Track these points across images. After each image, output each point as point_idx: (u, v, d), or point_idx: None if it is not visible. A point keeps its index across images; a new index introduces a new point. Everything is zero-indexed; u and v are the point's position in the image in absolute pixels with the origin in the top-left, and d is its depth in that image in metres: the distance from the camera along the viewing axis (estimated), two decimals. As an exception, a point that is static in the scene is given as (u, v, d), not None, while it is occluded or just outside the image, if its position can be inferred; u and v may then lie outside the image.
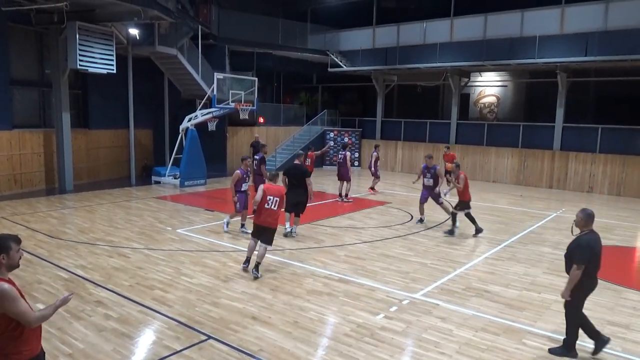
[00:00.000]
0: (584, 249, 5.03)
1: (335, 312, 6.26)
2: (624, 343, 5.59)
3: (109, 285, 6.98)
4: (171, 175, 16.75)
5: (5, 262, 3.17)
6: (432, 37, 20.67)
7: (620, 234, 11.21)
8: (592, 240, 5.09)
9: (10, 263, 3.20)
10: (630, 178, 17.00)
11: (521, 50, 18.16)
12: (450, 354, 5.22)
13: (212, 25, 19.86)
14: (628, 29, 16.00)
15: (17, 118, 14.66)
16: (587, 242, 5.07)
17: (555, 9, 17.77)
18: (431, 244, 9.74)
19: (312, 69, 25.50)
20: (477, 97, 24.12)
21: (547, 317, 6.28)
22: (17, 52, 14.74)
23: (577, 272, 4.99)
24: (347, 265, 8.22)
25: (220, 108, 16.44)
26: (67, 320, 5.77)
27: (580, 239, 5.15)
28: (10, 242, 3.22)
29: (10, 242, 3.22)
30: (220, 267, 7.93)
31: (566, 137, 18.59)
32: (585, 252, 5.01)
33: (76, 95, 16.67)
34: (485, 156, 20.23)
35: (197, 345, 5.25)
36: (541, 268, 8.31)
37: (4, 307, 3.02)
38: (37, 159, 14.97)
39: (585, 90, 20.66)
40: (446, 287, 7.30)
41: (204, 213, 12.21)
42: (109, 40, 14.42)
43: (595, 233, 5.19)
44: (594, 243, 5.08)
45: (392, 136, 23.52)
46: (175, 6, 15.39)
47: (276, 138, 23.19)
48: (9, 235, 3.30)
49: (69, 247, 8.90)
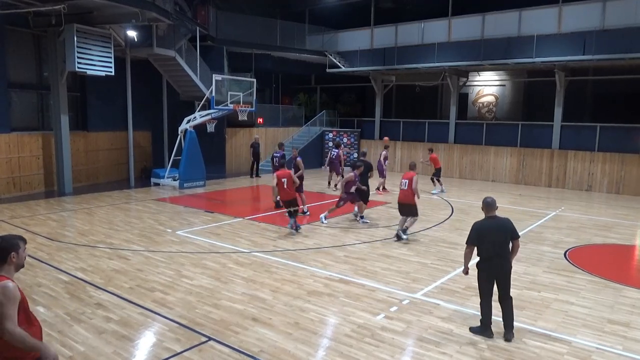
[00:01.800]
0: (471, 231, 5.62)
1: (336, 312, 6.26)
2: (624, 341, 5.59)
3: (109, 288, 6.97)
4: (170, 177, 16.74)
5: (15, 261, 3.21)
6: (430, 37, 20.69)
7: (620, 232, 11.22)
8: (482, 225, 5.58)
9: (18, 262, 3.24)
10: (629, 176, 17.03)
11: (519, 50, 18.19)
12: (451, 353, 5.22)
13: (210, 27, 19.86)
14: (625, 27, 16.04)
15: (15, 121, 14.65)
16: (476, 225, 5.62)
17: (552, 8, 17.80)
18: (431, 244, 9.75)
19: (310, 69, 25.50)
20: (476, 96, 24.16)
21: (547, 315, 6.28)
22: (15, 55, 14.73)
23: (465, 251, 5.66)
24: (348, 265, 8.22)
25: (219, 109, 16.44)
26: (68, 323, 5.77)
27: (475, 222, 5.72)
28: (19, 240, 3.28)
29: (19, 241, 3.27)
30: (220, 269, 7.93)
31: (565, 136, 18.62)
32: (472, 234, 5.59)
33: (74, 98, 16.66)
34: (484, 155, 20.24)
35: (197, 347, 5.25)
36: (541, 267, 8.31)
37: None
38: (36, 161, 14.95)
39: (583, 89, 20.70)
40: (446, 286, 7.31)
41: (204, 215, 12.21)
42: (107, 43, 14.41)
43: (494, 219, 5.62)
44: (482, 227, 5.56)
45: (391, 136, 23.42)
46: (173, 8, 15.39)
47: (275, 139, 23.15)
48: (16, 235, 3.36)
49: (69, 249, 8.89)
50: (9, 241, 3.24)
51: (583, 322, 6.11)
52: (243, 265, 8.12)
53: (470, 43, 19.49)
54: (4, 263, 3.17)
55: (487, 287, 5.59)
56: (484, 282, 5.60)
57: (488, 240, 5.49)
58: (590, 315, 6.32)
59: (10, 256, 3.18)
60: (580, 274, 8.03)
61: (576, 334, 5.74)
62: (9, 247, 3.20)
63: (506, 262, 5.53)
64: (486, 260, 5.54)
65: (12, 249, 3.19)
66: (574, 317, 6.26)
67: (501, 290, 5.56)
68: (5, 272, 3.17)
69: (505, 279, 5.55)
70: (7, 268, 3.18)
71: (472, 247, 5.60)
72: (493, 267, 5.51)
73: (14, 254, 3.20)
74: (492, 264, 5.50)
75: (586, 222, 12.25)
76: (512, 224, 5.60)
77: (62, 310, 6.16)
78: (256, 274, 7.68)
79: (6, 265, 3.17)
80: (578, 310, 6.49)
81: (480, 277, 5.62)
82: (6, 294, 3.03)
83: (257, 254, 8.79)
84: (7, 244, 3.21)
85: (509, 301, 5.56)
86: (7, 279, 3.12)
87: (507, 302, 5.55)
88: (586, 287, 7.41)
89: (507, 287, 5.58)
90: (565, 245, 9.82)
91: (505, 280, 5.55)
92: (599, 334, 5.75)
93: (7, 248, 3.19)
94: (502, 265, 5.52)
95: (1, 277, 3.12)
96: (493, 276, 5.54)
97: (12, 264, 3.19)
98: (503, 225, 5.58)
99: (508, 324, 5.58)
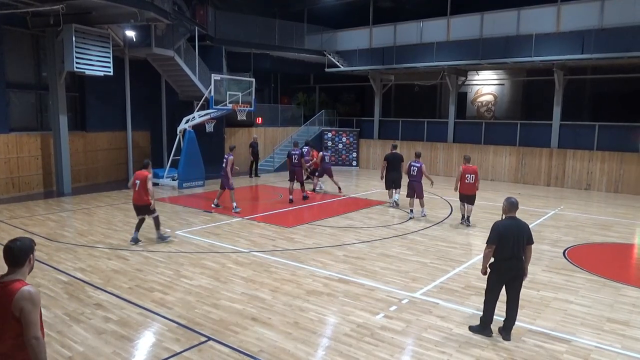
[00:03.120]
0: (493, 231, 5.50)
1: (335, 312, 6.26)
2: (623, 340, 5.60)
3: (109, 288, 6.97)
4: (169, 177, 16.73)
5: (32, 263, 3.15)
6: (429, 36, 20.69)
7: (619, 231, 11.23)
8: (504, 225, 5.50)
9: (32, 264, 3.19)
10: (628, 175, 17.04)
11: (518, 49, 18.20)
12: (451, 352, 5.23)
13: (209, 27, 19.85)
14: (624, 26, 16.05)
15: (14, 121, 14.63)
16: (498, 225, 5.52)
17: (551, 7, 17.82)
18: (430, 243, 9.75)
19: (309, 69, 25.50)
20: (475, 95, 24.17)
21: (546, 314, 6.29)
22: (14, 55, 14.71)
23: (486, 251, 5.50)
24: (347, 265, 8.23)
25: (218, 109, 16.42)
26: (67, 324, 5.76)
27: (496, 222, 5.61)
28: (32, 243, 3.22)
29: (33, 243, 3.21)
30: (219, 269, 7.93)
31: (563, 135, 18.63)
32: (493, 234, 5.47)
33: (73, 98, 16.65)
34: (483, 155, 20.24)
35: (197, 347, 5.25)
36: (540, 266, 8.32)
37: (26, 308, 2.92)
38: (35, 162, 14.94)
39: (582, 88, 20.72)
40: (446, 286, 7.31)
41: (203, 214, 12.20)
42: (105, 43, 14.40)
43: (514, 220, 5.58)
44: (503, 228, 5.47)
45: (390, 136, 23.52)
46: (171, 8, 15.38)
47: (274, 139, 23.21)
48: (28, 237, 3.29)
49: (68, 250, 8.88)
50: (27, 244, 3.15)
51: (582, 320, 6.12)
52: (242, 265, 8.12)
53: (469, 42, 19.49)
54: (21, 267, 3.09)
55: (497, 288, 5.53)
56: (495, 283, 5.53)
57: (507, 241, 5.40)
58: (589, 314, 6.33)
59: (29, 259, 3.12)
60: (579, 273, 8.03)
61: (575, 333, 5.75)
62: (28, 250, 3.12)
63: (521, 264, 5.45)
64: (503, 260, 5.43)
65: (30, 251, 3.13)
66: (573, 315, 6.27)
67: (512, 293, 5.50)
68: (22, 275, 3.08)
69: (516, 281, 5.48)
70: (23, 271, 3.10)
71: (493, 247, 5.45)
72: (508, 269, 5.43)
73: (32, 256, 3.14)
74: (508, 264, 5.41)
75: (585, 221, 12.26)
76: (529, 229, 5.55)
77: (61, 310, 6.16)
78: (255, 274, 7.67)
79: (23, 268, 3.09)
80: (577, 309, 6.50)
81: (491, 278, 5.55)
82: (34, 300, 2.96)
83: (257, 254, 8.79)
84: (26, 247, 3.13)
85: (516, 304, 5.51)
86: (27, 284, 3.04)
87: (514, 305, 5.51)
88: (585, 285, 7.41)
89: (518, 289, 5.52)
90: (564, 244, 9.83)
91: (516, 282, 5.48)
92: (598, 333, 5.76)
93: (26, 251, 3.11)
94: (517, 267, 5.44)
95: (21, 282, 3.03)
96: (505, 278, 5.46)
97: (28, 267, 3.13)
98: (522, 228, 5.52)
99: (509, 325, 5.56)
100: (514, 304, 5.53)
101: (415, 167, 12.02)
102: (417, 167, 12.01)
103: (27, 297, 2.94)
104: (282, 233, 10.40)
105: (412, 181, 12.04)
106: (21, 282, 3.02)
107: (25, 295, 2.95)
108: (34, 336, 2.94)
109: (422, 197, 12.17)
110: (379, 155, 23.47)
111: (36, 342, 2.94)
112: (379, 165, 23.25)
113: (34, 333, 2.94)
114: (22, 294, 2.94)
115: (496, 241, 5.42)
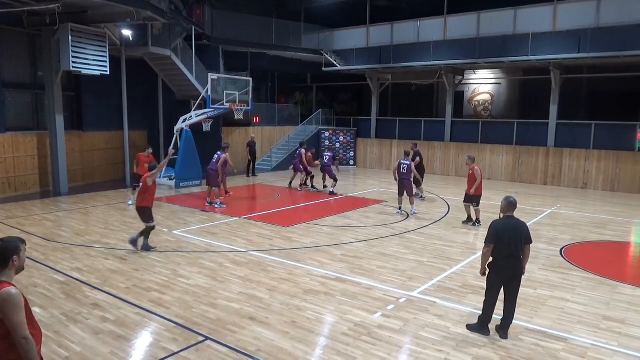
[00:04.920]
0: (490, 230, 5.51)
1: (333, 311, 6.27)
2: (619, 338, 5.63)
3: (106, 288, 6.95)
4: (166, 177, 16.70)
5: (16, 264, 3.09)
6: (426, 35, 20.71)
7: (615, 229, 11.28)
8: (502, 224, 5.53)
9: (19, 265, 3.12)
10: (624, 174, 17.11)
11: (514, 48, 18.24)
12: (448, 351, 5.24)
13: (206, 26, 19.82)
14: (620, 25, 16.10)
15: (10, 121, 14.57)
16: (495, 224, 5.53)
17: (547, 6, 17.86)
18: (428, 242, 9.77)
19: (306, 68, 25.48)
20: (472, 94, 24.20)
21: (543, 312, 6.31)
22: (9, 54, 14.65)
23: (484, 250, 5.51)
24: (344, 264, 8.23)
25: (215, 109, 16.41)
26: (64, 324, 5.75)
27: (493, 221, 5.62)
28: (19, 243, 3.15)
29: (19, 243, 3.14)
30: (217, 268, 7.92)
31: (560, 134, 18.69)
32: (491, 233, 5.47)
33: (70, 97, 16.59)
34: (480, 153, 20.26)
35: (194, 347, 5.24)
36: (537, 264, 8.34)
37: (7, 311, 2.89)
38: (31, 161, 14.88)
39: (578, 87, 20.76)
40: (443, 284, 7.32)
41: (200, 214, 12.19)
42: (102, 42, 14.36)
43: (512, 219, 5.60)
44: (501, 227, 5.49)
45: (387, 135, 23.56)
46: (168, 7, 15.35)
47: (271, 138, 23.20)
48: (16, 237, 3.23)
49: (65, 250, 8.86)
50: (11, 244, 3.09)
51: (579, 319, 6.14)
52: (240, 265, 8.11)
53: (465, 41, 19.52)
54: (4, 267, 3.04)
55: (497, 287, 5.54)
56: (494, 282, 5.53)
57: (505, 240, 5.41)
58: (585, 312, 6.35)
59: (12, 260, 3.06)
60: (575, 271, 8.06)
61: (572, 331, 5.77)
62: (11, 251, 3.06)
63: (519, 263, 5.46)
64: (501, 259, 5.45)
65: (13, 252, 3.06)
66: (570, 314, 6.29)
67: (510, 292, 5.51)
68: (6, 276, 3.03)
69: (515, 280, 5.48)
70: (8, 273, 3.05)
71: (491, 246, 5.46)
72: (506, 267, 5.44)
73: (16, 257, 3.07)
74: (506, 263, 5.42)
75: (582, 220, 12.31)
76: (528, 229, 5.56)
77: (58, 310, 6.14)
78: (253, 273, 7.67)
79: (7, 269, 3.04)
80: (574, 307, 6.52)
81: (490, 277, 5.56)
82: (11, 301, 2.91)
83: (254, 253, 8.79)
84: (9, 246, 3.07)
85: (513, 303, 5.52)
86: (9, 284, 2.99)
87: (512, 303, 5.52)
88: (581, 284, 7.44)
89: (517, 288, 5.53)
90: (561, 243, 9.86)
91: (515, 281, 5.49)
92: (594, 331, 5.79)
93: (9, 251, 3.05)
94: (516, 266, 5.45)
95: (3, 283, 2.98)
96: (505, 276, 5.47)
97: (13, 268, 3.07)
98: (520, 227, 5.53)
99: (506, 324, 5.58)
100: (512, 303, 5.54)
101: (405, 164, 12.22)
102: (407, 165, 12.20)
103: (6, 299, 2.90)
104: (280, 232, 10.39)
105: (403, 179, 12.22)
106: (3, 284, 2.97)
107: (4, 297, 2.90)
108: (23, 336, 2.91)
109: (412, 194, 12.38)
110: (376, 154, 23.54)
111: (25, 342, 2.92)
112: (377, 164, 23.39)
113: (22, 334, 2.91)
114: (2, 295, 2.90)
115: (494, 240, 5.44)
